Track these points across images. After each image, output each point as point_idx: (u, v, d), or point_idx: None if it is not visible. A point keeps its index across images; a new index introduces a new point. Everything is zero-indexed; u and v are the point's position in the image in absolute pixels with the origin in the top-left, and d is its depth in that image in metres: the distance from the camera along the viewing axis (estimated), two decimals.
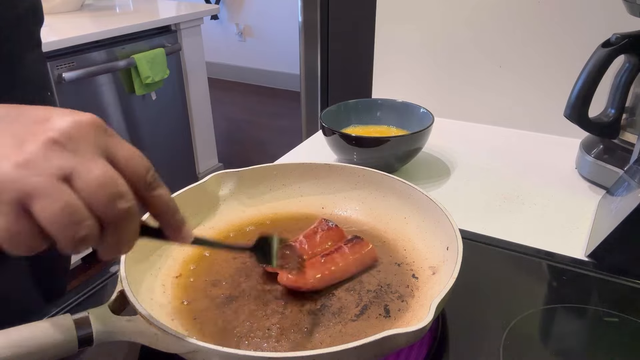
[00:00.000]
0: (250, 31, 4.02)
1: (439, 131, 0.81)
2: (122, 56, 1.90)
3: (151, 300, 0.46)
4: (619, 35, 0.65)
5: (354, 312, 0.46)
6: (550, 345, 0.47)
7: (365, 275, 0.50)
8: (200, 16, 2.21)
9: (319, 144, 0.89)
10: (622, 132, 0.70)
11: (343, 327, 0.44)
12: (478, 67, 0.93)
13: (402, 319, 0.45)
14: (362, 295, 0.48)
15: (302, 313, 0.46)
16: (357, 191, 0.61)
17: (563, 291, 0.54)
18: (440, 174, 0.78)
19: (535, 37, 0.86)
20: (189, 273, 0.51)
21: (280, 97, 3.90)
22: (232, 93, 3.99)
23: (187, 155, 2.35)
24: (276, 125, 3.43)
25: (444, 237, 0.50)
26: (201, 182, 0.57)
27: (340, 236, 0.53)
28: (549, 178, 0.75)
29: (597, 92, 0.67)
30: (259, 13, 3.92)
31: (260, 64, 4.06)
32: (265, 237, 0.44)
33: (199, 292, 0.48)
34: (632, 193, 0.56)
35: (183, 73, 2.21)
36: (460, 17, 0.91)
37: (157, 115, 2.13)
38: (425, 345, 0.45)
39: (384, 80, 1.03)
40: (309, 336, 0.43)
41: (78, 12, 2.16)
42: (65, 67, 1.73)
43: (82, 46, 1.77)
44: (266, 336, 0.43)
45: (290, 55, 3.80)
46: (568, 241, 0.61)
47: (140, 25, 1.94)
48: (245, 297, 0.48)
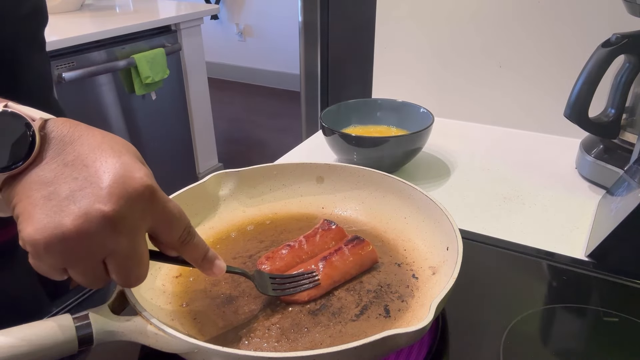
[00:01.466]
0: (250, 31, 4.02)
1: (439, 131, 0.81)
2: (122, 56, 1.90)
3: (151, 300, 0.46)
4: (619, 35, 0.65)
5: (354, 312, 0.46)
6: (550, 345, 0.47)
7: (366, 276, 0.50)
8: (200, 16, 2.21)
9: (319, 144, 0.89)
10: (622, 132, 0.70)
11: (343, 327, 0.44)
12: (478, 67, 0.93)
13: (402, 319, 0.45)
14: (362, 295, 0.48)
15: (302, 313, 0.46)
16: (357, 191, 0.61)
17: (563, 291, 0.54)
18: (440, 174, 0.78)
19: (535, 37, 0.86)
20: (188, 273, 0.51)
21: (280, 97, 3.90)
22: (232, 93, 3.99)
23: (187, 155, 2.35)
24: (276, 125, 3.43)
25: (444, 237, 0.50)
26: (201, 182, 0.57)
27: (341, 236, 0.53)
28: (549, 178, 0.75)
29: (597, 92, 0.67)
30: (259, 13, 3.92)
31: (260, 64, 4.06)
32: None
33: (199, 292, 0.48)
34: (632, 193, 0.55)
35: (183, 73, 2.21)
36: (460, 17, 0.91)
37: (157, 115, 2.13)
38: (425, 345, 0.45)
39: (384, 80, 1.03)
40: (309, 336, 0.43)
41: (78, 12, 2.16)
42: (65, 67, 1.73)
43: (82, 46, 1.77)
44: (266, 336, 0.43)
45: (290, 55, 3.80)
46: (568, 241, 0.61)
47: (140, 25, 1.94)
48: (245, 297, 0.48)
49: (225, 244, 0.56)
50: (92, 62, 1.81)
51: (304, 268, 0.49)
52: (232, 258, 0.53)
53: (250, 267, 0.52)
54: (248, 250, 0.55)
